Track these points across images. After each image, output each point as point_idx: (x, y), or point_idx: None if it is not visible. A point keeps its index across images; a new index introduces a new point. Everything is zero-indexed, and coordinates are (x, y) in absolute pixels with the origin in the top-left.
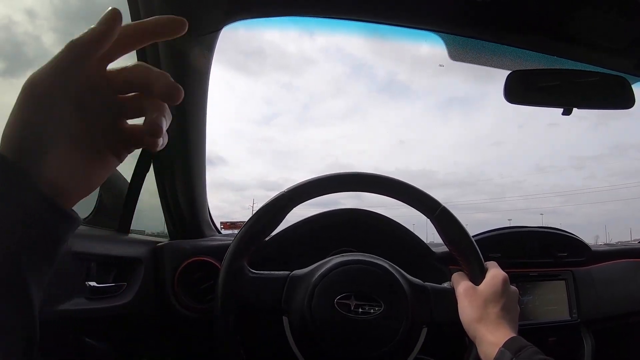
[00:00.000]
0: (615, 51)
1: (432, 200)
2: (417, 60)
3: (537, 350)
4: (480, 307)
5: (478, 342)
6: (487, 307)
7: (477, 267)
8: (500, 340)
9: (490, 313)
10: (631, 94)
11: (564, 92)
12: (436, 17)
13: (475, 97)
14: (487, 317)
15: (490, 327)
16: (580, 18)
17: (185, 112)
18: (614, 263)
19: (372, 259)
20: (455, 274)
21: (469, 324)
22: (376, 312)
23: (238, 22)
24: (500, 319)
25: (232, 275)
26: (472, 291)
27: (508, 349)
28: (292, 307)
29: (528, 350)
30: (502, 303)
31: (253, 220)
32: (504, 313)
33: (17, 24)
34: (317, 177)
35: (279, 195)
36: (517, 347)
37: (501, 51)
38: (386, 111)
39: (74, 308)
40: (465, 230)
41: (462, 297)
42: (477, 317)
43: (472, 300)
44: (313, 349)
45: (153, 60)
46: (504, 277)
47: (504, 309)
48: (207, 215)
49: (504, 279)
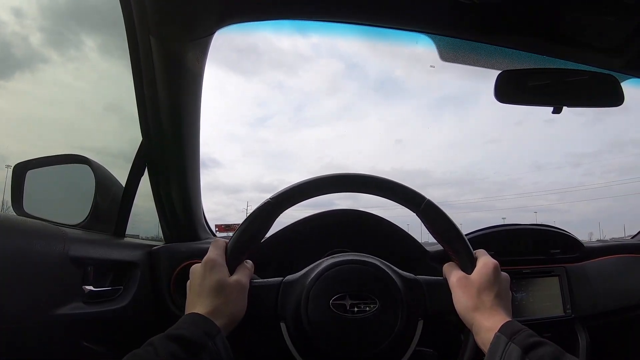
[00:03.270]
0: (604, 50)
1: (417, 194)
2: (411, 60)
3: (531, 332)
4: (474, 295)
5: (475, 329)
6: (480, 295)
7: (465, 256)
8: (496, 325)
9: (485, 301)
10: (620, 92)
11: (554, 91)
12: (426, 19)
13: (470, 95)
14: (482, 305)
15: (485, 314)
16: (570, 18)
17: (179, 115)
18: (607, 259)
19: (363, 257)
20: (446, 265)
21: (464, 313)
22: (372, 310)
23: (231, 25)
24: (495, 306)
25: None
26: (464, 281)
27: (504, 333)
28: (288, 313)
29: (522, 334)
30: (496, 290)
31: (242, 228)
32: (498, 300)
33: (4, 24)
34: (301, 181)
35: (265, 202)
36: (512, 331)
37: (491, 52)
38: (381, 111)
39: (71, 312)
40: (451, 221)
41: (456, 287)
42: (472, 305)
43: (466, 289)
44: (312, 352)
45: (147, 64)
46: (494, 264)
47: (497, 295)
48: (202, 218)
49: (495, 265)
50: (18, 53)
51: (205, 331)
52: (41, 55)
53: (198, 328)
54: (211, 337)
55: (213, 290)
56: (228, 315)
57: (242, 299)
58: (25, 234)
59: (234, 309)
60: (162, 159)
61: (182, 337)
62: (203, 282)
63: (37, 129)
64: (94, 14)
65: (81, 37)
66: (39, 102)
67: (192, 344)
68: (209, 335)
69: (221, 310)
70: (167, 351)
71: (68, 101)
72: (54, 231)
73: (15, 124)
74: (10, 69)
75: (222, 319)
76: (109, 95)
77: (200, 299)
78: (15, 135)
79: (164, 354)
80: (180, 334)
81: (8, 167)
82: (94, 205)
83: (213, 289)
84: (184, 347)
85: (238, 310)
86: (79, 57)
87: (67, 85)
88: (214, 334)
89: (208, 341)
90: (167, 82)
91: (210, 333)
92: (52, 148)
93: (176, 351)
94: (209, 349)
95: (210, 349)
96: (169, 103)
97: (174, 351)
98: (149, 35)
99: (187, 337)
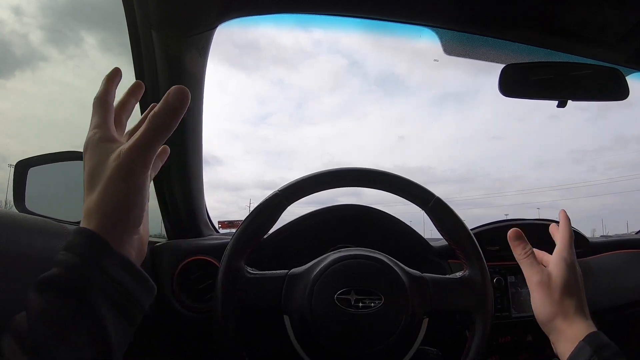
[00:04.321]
0: (608, 44)
1: (426, 191)
2: (414, 55)
3: (619, 350)
4: (557, 301)
5: (556, 337)
6: (563, 300)
7: (473, 255)
8: (579, 334)
9: (567, 306)
10: (625, 86)
11: (558, 85)
12: (430, 11)
13: (473, 91)
14: (564, 311)
15: (567, 321)
16: (573, 11)
17: None
18: (612, 254)
19: (369, 252)
20: (523, 260)
21: (545, 320)
22: (377, 306)
23: (233, 20)
24: (579, 311)
25: (230, 276)
26: (547, 283)
27: (589, 344)
28: (292, 306)
29: (609, 350)
30: (579, 294)
31: (249, 220)
32: (582, 305)
33: (3, 23)
34: (310, 174)
35: (273, 194)
36: (598, 344)
37: (495, 45)
38: (384, 107)
39: None
40: (460, 220)
41: (537, 291)
42: (554, 312)
43: (548, 293)
44: (316, 347)
45: (148, 61)
46: (572, 262)
47: (579, 299)
48: (204, 215)
49: (574, 265)
50: (17, 52)
51: (84, 251)
52: (41, 53)
53: (75, 255)
54: (96, 261)
55: (89, 177)
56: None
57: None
58: (26, 231)
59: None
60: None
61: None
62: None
63: (39, 129)
64: (94, 10)
65: (81, 34)
66: (39, 101)
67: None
68: (91, 259)
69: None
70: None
71: (68, 99)
72: (56, 228)
73: (17, 123)
74: (8, 68)
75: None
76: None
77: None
78: (16, 134)
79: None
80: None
81: (10, 167)
82: None
83: (88, 176)
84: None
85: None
86: (79, 54)
87: (68, 84)
88: (96, 254)
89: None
90: (168, 78)
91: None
92: (53, 148)
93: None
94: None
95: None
96: None
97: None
98: (151, 30)
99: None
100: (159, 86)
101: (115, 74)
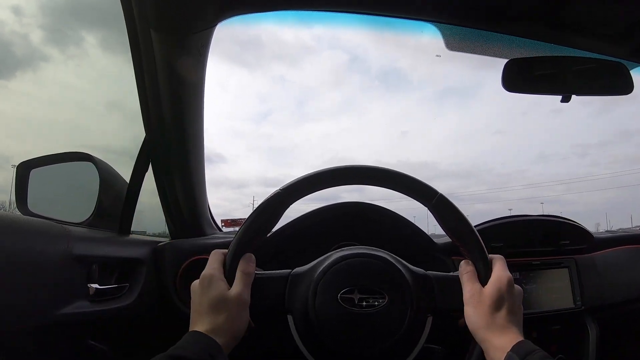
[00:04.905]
0: (612, 37)
1: (429, 188)
2: (416, 51)
3: (545, 354)
4: (486, 313)
5: (485, 347)
6: (493, 312)
7: (477, 252)
8: (508, 344)
9: (497, 317)
10: (630, 80)
11: (562, 80)
12: (432, 6)
13: (476, 86)
14: (493, 322)
15: (496, 332)
16: (576, 5)
17: (182, 109)
18: (617, 250)
19: (372, 251)
20: (463, 266)
21: (476, 330)
22: (380, 305)
23: (233, 17)
24: (507, 323)
25: (233, 276)
26: (477, 297)
27: (516, 352)
28: (296, 306)
29: (536, 355)
30: (508, 307)
31: (251, 220)
32: (511, 317)
33: (3, 23)
34: (312, 173)
35: (275, 193)
36: (525, 351)
37: (498, 40)
38: (386, 103)
39: (76, 311)
40: (464, 217)
41: (469, 304)
42: (484, 323)
43: (478, 306)
44: (320, 346)
45: (148, 59)
46: (508, 279)
47: (510, 312)
48: (207, 214)
49: (509, 280)
50: (18, 52)
51: (206, 350)
52: (41, 52)
53: (199, 347)
54: (212, 356)
55: (212, 307)
56: (229, 333)
57: (244, 314)
58: (28, 234)
59: (236, 326)
60: (166, 155)
61: (184, 358)
62: (202, 300)
63: (39, 129)
64: (93, 9)
65: (81, 33)
66: (40, 102)
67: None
68: (211, 355)
69: (222, 327)
70: None
71: (70, 100)
72: (58, 230)
73: (18, 124)
74: (8, 69)
75: (223, 336)
76: (110, 92)
77: (201, 317)
78: (17, 135)
79: None
80: (181, 354)
81: (14, 167)
82: (98, 203)
83: (212, 306)
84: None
85: (239, 327)
86: (79, 54)
87: (68, 83)
88: (215, 353)
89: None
90: (169, 76)
91: (211, 352)
92: (55, 149)
93: None
94: None
95: None
96: (171, 97)
97: None
98: (150, 29)
99: (189, 358)
100: (158, 85)
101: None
